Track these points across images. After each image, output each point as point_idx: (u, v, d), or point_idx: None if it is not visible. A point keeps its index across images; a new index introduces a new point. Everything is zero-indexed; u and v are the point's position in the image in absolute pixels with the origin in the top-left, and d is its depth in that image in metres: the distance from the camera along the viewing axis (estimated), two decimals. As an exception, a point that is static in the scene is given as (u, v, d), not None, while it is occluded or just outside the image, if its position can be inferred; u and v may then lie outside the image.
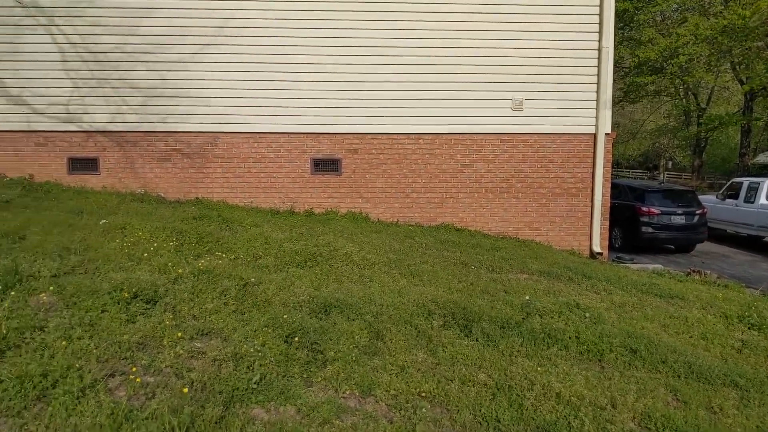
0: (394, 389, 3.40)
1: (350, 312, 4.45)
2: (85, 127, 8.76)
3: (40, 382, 2.87)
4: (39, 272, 4.40)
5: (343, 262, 6.02)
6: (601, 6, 8.99)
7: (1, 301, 3.81)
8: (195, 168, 8.99)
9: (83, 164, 8.87)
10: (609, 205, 9.52)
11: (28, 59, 8.58)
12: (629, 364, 4.24)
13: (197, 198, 8.91)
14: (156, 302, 4.10)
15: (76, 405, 2.71)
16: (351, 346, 3.85)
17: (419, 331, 4.34)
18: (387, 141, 9.14)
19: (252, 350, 3.49)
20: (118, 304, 3.91)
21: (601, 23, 9.02)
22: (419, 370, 3.73)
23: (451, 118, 9.10)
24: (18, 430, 2.54)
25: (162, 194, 8.88)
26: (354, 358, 3.68)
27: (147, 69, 8.70)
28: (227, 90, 8.81)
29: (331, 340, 3.88)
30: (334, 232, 7.51)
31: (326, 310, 4.44)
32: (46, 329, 3.50)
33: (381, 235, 7.75)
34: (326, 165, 9.16)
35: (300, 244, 6.38)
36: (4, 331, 3.35)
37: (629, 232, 12.07)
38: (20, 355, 3.15)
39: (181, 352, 3.40)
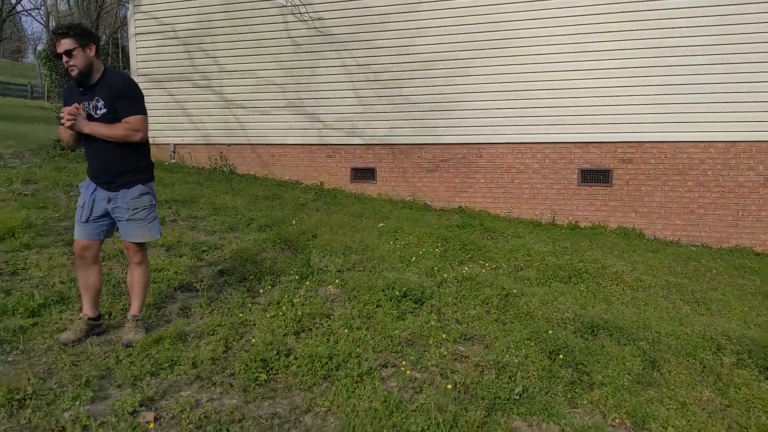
0: (673, 426, 3.06)
1: (621, 336, 4.15)
2: (367, 140, 9.83)
3: (326, 363, 3.28)
4: (327, 267, 5.07)
5: (613, 281, 5.65)
6: None
7: (298, 289, 4.48)
8: (459, 178, 9.38)
9: (363, 174, 9.97)
10: None
11: (322, 81, 9.98)
12: None
13: (460, 207, 9.28)
14: (423, 303, 4.39)
15: (355, 388, 3.04)
16: (621, 372, 3.58)
17: (705, 366, 3.83)
18: (668, 149, 8.31)
19: (514, 361, 3.49)
20: (391, 301, 4.28)
21: None
22: (704, 409, 3.29)
23: (751, 124, 7.86)
24: (308, 403, 2.93)
25: (428, 202, 9.48)
26: (625, 386, 3.42)
27: (419, 85, 9.38)
28: (493, 102, 9.01)
29: (598, 362, 3.66)
30: (601, 248, 7.10)
31: (593, 331, 4.21)
32: (331, 317, 4.01)
33: (658, 255, 7.07)
34: (595, 176, 8.71)
35: (564, 259, 6.18)
36: (300, 314, 3.94)
37: None
38: (311, 338, 3.66)
39: (445, 353, 3.57)
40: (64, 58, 3.22)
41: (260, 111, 10.44)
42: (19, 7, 37.74)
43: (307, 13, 9.64)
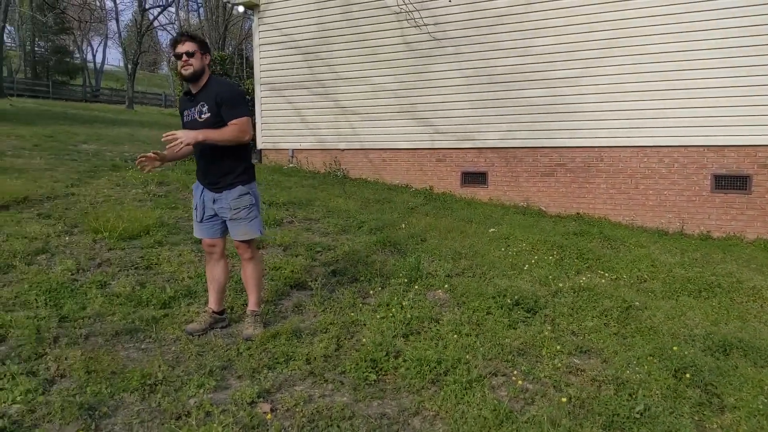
0: (823, 463, 2.75)
1: (757, 356, 3.79)
2: (478, 144, 9.74)
3: (435, 367, 3.30)
4: (436, 271, 5.09)
5: (749, 297, 5.18)
6: None
7: (407, 292, 4.54)
8: (577, 183, 9.03)
9: (473, 178, 9.89)
10: None
11: (435, 85, 10.02)
12: None
13: (577, 213, 8.93)
14: (536, 312, 4.28)
15: (464, 395, 3.03)
16: (757, 396, 3.27)
17: None
18: (820, 153, 7.49)
19: (635, 378, 3.31)
20: (501, 308, 4.21)
21: None
22: None
23: None
24: (417, 405, 2.96)
25: (543, 208, 9.21)
26: (761, 410, 3.12)
27: (535, 87, 9.15)
28: (616, 103, 8.58)
29: (730, 384, 3.38)
30: (737, 260, 6.53)
31: (725, 350, 3.88)
32: (440, 321, 4.02)
33: (805, 271, 6.38)
34: (730, 182, 8.03)
35: (694, 271, 5.76)
36: (409, 317, 3.98)
37: None
38: (420, 341, 3.69)
39: (559, 365, 3.46)
40: (184, 57, 3.47)
41: (373, 116, 10.69)
42: (155, 23, 41.44)
43: (422, 18, 9.73)
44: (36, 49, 40.98)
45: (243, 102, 3.60)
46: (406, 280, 4.75)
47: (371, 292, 4.56)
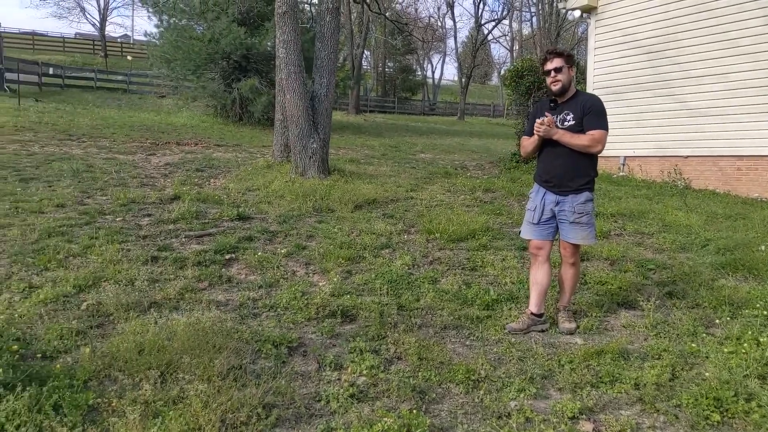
0: None
1: None
2: None
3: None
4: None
5: None
6: None
7: (765, 326, 3.87)
8: None
9: None
10: None
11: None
12: None
13: None
14: None
15: None
16: None
17: None
18: None
19: None
20: None
21: None
22: None
23: None
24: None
25: None
26: None
27: None
28: None
29: None
30: None
31: None
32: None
33: None
34: None
35: None
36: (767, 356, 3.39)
37: None
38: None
39: None
40: (552, 74, 3.75)
41: (729, 118, 9.43)
42: (489, 36, 43.94)
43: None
44: (386, 69, 47.40)
45: (605, 116, 3.76)
46: (765, 312, 4.06)
47: (717, 321, 4.03)
